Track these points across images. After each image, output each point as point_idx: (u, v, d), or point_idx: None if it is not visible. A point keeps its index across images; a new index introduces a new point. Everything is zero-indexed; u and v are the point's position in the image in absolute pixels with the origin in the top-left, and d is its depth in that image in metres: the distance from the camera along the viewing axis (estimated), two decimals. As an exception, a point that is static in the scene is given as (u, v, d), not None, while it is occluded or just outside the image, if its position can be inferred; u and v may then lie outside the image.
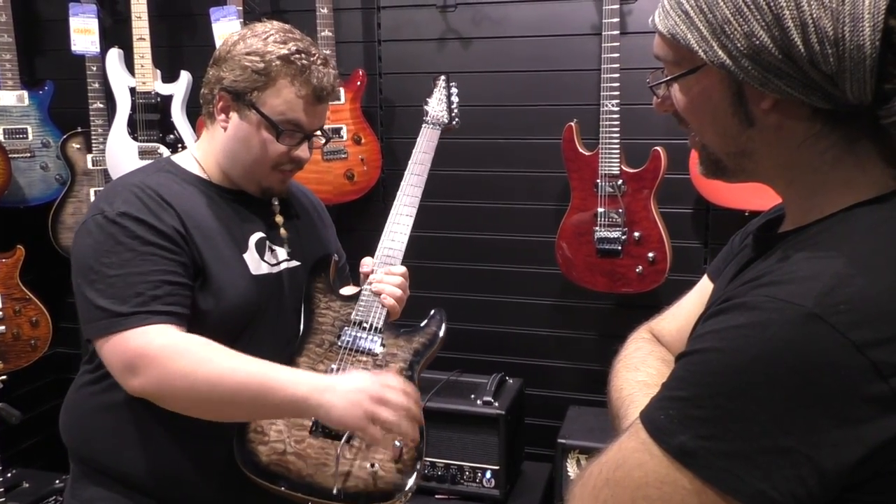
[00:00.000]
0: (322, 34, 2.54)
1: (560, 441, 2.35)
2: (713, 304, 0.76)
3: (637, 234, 2.41)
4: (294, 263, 1.53)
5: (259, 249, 1.46)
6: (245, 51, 1.37)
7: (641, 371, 1.01)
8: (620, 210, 2.41)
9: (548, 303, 2.73)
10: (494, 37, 2.64)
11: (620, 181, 2.40)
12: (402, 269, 1.56)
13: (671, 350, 1.05)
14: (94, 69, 2.74)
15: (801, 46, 0.69)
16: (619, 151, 2.38)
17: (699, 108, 0.81)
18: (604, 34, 2.34)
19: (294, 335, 1.51)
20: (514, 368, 2.68)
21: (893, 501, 0.67)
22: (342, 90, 2.58)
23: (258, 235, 1.47)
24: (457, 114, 1.75)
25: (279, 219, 1.52)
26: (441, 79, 1.76)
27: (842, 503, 0.66)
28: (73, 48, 2.68)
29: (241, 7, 2.60)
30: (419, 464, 1.40)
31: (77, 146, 2.82)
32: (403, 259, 1.59)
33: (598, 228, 2.43)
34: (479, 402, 2.40)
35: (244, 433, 1.39)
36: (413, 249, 1.61)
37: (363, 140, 2.63)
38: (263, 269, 1.46)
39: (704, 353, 0.69)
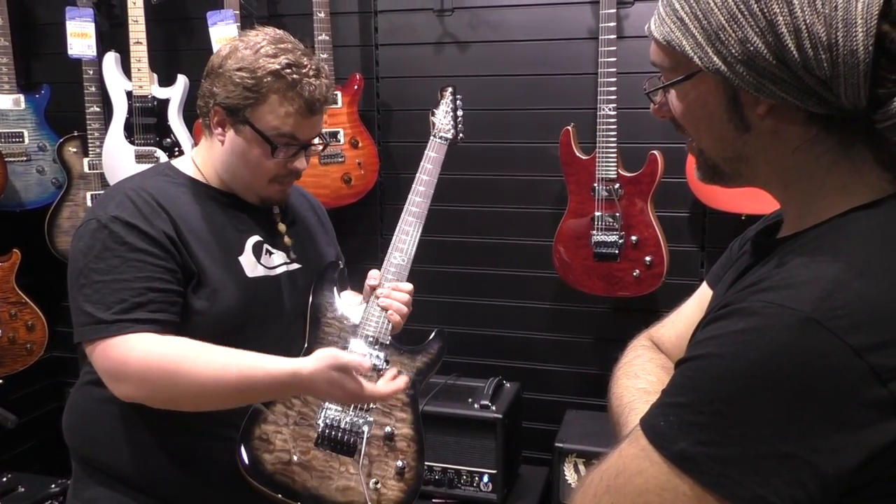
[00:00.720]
0: (319, 38, 2.55)
1: (557, 445, 2.35)
2: (712, 311, 0.76)
3: (634, 238, 2.41)
4: (294, 266, 1.54)
5: (256, 252, 1.47)
6: (236, 66, 1.37)
7: (641, 378, 1.01)
8: (617, 214, 2.41)
9: (545, 306, 2.73)
10: (491, 41, 2.64)
11: (617, 185, 2.40)
12: (409, 287, 1.58)
13: (671, 357, 1.05)
14: (91, 73, 2.74)
15: (795, 52, 0.70)
16: (616, 155, 2.38)
17: (695, 114, 0.81)
18: (600, 38, 2.34)
19: (296, 337, 1.52)
20: (512, 372, 2.68)
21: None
22: (339, 94, 2.58)
23: (255, 238, 1.48)
24: (461, 129, 1.74)
25: (282, 227, 1.54)
26: (448, 90, 1.74)
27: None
28: (70, 52, 2.68)
29: (238, 11, 2.60)
30: (419, 484, 1.46)
31: (73, 150, 2.81)
32: None
33: (595, 232, 2.43)
34: (477, 406, 2.40)
35: (249, 440, 1.40)
36: (410, 253, 1.61)
37: (360, 144, 2.63)
38: (260, 272, 1.46)
39: (703, 359, 0.69)
